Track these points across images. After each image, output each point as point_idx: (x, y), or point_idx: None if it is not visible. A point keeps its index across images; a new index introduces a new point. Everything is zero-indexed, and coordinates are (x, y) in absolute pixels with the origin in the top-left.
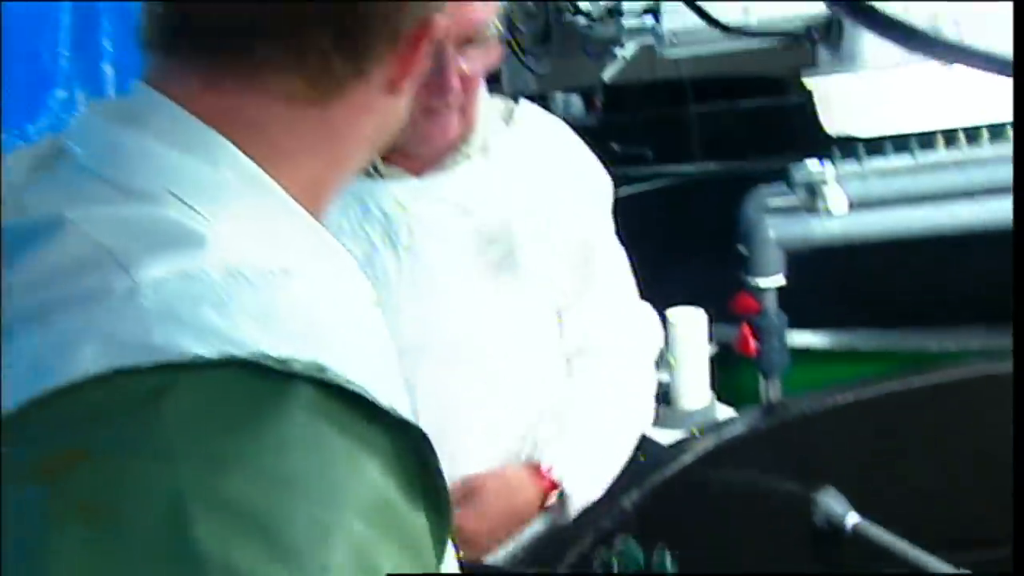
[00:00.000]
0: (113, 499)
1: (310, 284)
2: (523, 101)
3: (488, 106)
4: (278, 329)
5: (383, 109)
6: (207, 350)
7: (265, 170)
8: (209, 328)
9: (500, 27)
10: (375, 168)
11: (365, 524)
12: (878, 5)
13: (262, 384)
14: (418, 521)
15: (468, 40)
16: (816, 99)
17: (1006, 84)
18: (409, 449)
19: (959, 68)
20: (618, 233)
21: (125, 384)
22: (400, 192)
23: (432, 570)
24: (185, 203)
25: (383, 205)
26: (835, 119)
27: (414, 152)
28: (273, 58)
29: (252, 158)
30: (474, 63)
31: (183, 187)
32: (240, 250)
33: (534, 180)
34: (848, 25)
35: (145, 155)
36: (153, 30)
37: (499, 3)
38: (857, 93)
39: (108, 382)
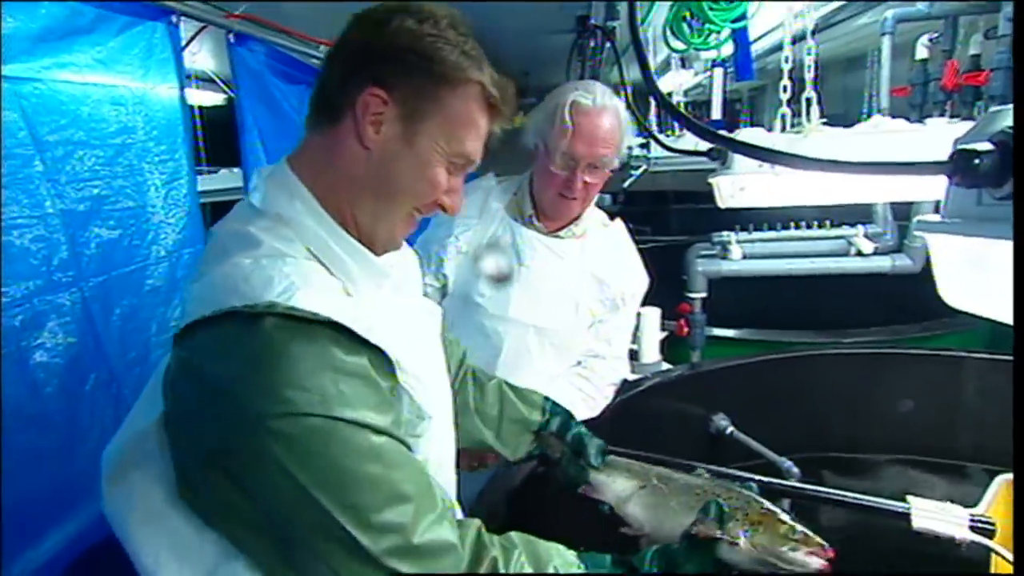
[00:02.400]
0: (195, 370)
1: (298, 264)
2: (617, 220)
3: (595, 214)
4: (266, 287)
5: (412, 165)
6: (234, 304)
7: (313, 191)
8: (241, 292)
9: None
10: (531, 219)
11: (309, 372)
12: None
13: (252, 319)
14: (360, 360)
15: (592, 165)
16: (714, 191)
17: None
18: (344, 334)
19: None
20: None
21: (208, 323)
22: (536, 237)
23: (378, 383)
24: (278, 217)
25: (525, 239)
26: (722, 199)
27: (553, 217)
28: (314, 113)
29: (307, 182)
30: (593, 177)
31: (276, 207)
32: (273, 247)
33: (607, 261)
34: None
35: (265, 193)
36: None
37: (617, 139)
38: (730, 185)
39: (203, 321)
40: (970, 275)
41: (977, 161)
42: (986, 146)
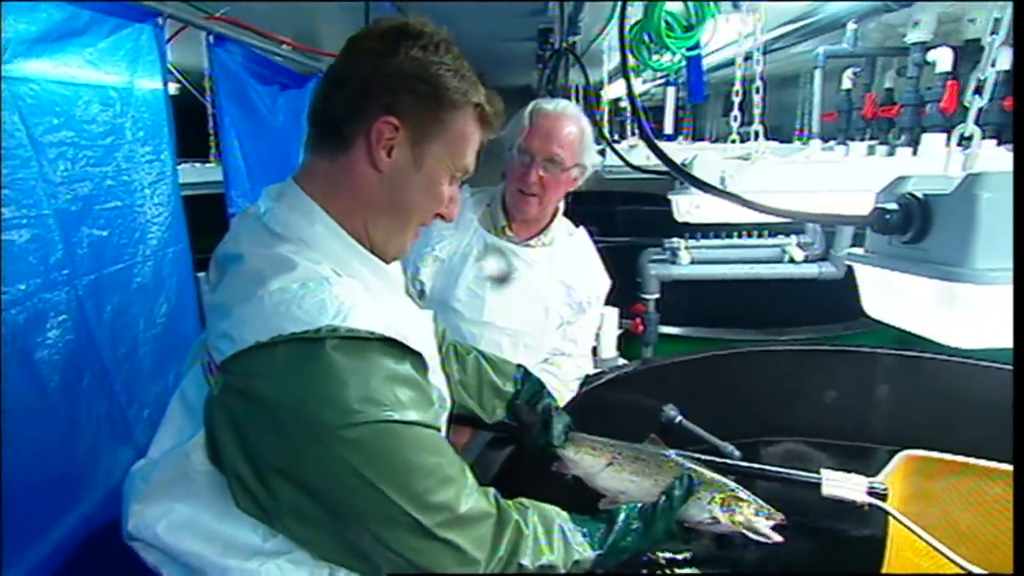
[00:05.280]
0: (255, 394)
1: (341, 285)
2: (581, 228)
3: (562, 223)
4: (320, 310)
5: (411, 185)
6: (293, 330)
7: (328, 211)
8: (295, 316)
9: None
10: (501, 228)
11: (370, 384)
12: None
13: (312, 343)
14: (406, 366)
15: (547, 160)
16: (672, 206)
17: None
18: (392, 344)
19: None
20: None
21: (263, 348)
22: (506, 245)
23: (421, 384)
24: (300, 240)
25: (495, 247)
26: (679, 215)
27: (515, 215)
28: (322, 137)
29: (320, 202)
30: (549, 172)
31: (296, 232)
32: (309, 271)
33: (574, 267)
34: None
35: (282, 217)
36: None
37: (575, 145)
38: (688, 203)
39: (257, 347)
40: (882, 294)
41: (888, 216)
42: (893, 206)
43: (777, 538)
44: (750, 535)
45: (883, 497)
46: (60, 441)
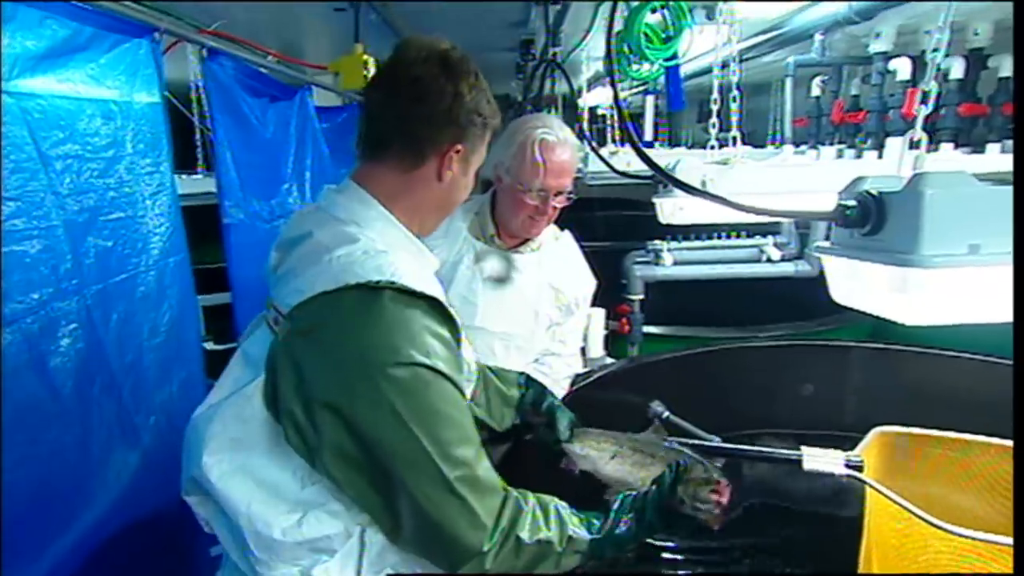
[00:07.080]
0: (317, 334)
1: (396, 256)
2: (567, 231)
3: (548, 228)
4: (379, 271)
5: (447, 188)
6: (356, 280)
7: (387, 206)
8: (357, 273)
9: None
10: (491, 237)
11: (417, 333)
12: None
13: (372, 292)
14: (444, 330)
15: (558, 193)
16: (657, 209)
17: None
18: (436, 307)
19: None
20: None
21: (329, 295)
22: (495, 252)
23: (455, 350)
24: (357, 224)
25: (489, 253)
26: (664, 216)
27: (522, 236)
28: (397, 155)
29: (381, 200)
30: (560, 200)
31: (356, 218)
32: (369, 244)
33: (561, 270)
34: None
35: (344, 205)
36: (358, 145)
37: (574, 166)
38: (672, 206)
39: (324, 294)
40: (847, 282)
41: (848, 212)
42: (853, 203)
43: (720, 499)
44: (700, 505)
45: (859, 468)
46: (77, 445)
